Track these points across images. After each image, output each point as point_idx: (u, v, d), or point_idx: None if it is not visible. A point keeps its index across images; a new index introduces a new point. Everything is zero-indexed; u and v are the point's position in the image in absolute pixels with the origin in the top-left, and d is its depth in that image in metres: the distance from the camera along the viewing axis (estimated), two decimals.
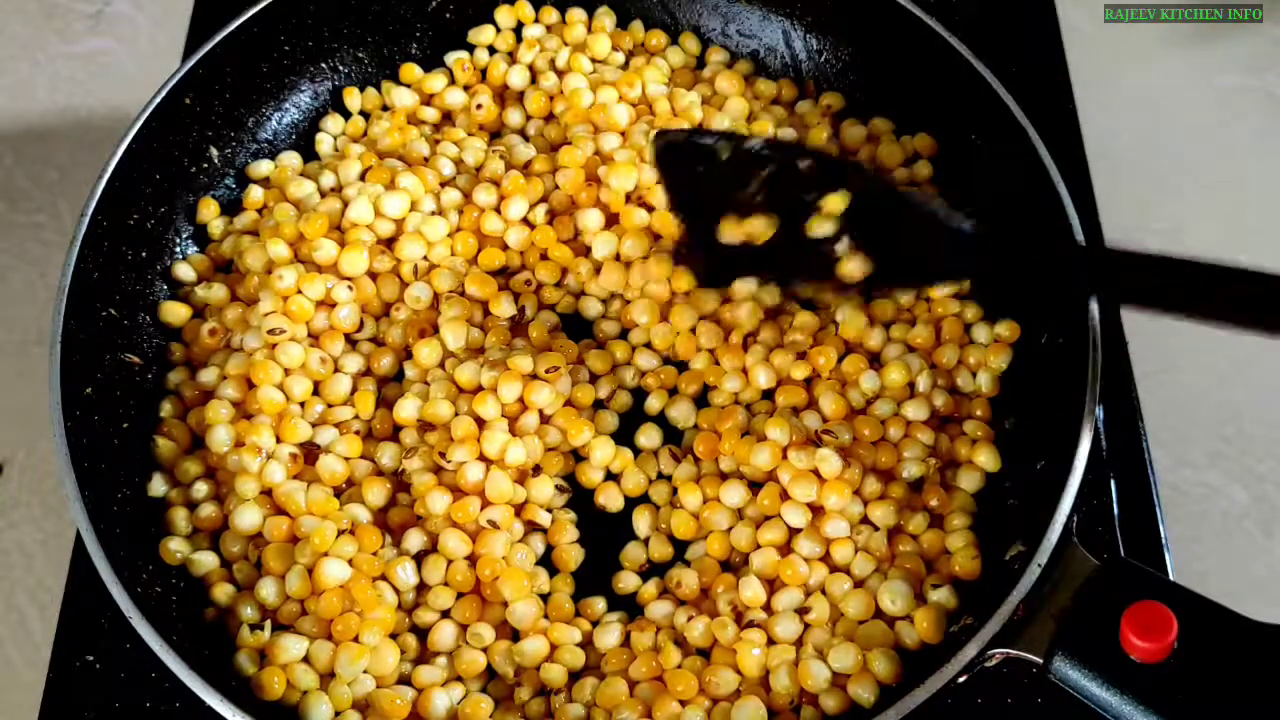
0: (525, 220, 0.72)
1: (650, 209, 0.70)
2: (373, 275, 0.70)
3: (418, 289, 0.69)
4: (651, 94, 0.76)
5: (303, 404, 0.66)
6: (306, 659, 0.59)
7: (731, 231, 0.62)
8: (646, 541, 0.65)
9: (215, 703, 0.53)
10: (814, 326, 0.68)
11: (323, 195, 0.73)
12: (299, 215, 0.70)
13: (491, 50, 0.81)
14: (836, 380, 0.67)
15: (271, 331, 0.66)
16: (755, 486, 0.64)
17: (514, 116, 0.78)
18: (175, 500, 0.64)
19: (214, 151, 0.75)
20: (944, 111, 0.72)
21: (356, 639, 0.59)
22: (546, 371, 0.65)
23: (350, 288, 0.68)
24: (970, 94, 0.69)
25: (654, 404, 0.68)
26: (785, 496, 0.62)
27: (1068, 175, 0.65)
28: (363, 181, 0.72)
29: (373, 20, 0.80)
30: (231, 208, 0.75)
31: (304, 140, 0.78)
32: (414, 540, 0.62)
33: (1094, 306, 0.61)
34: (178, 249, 0.73)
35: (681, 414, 0.68)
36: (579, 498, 0.66)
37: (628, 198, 0.71)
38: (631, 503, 0.66)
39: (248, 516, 0.62)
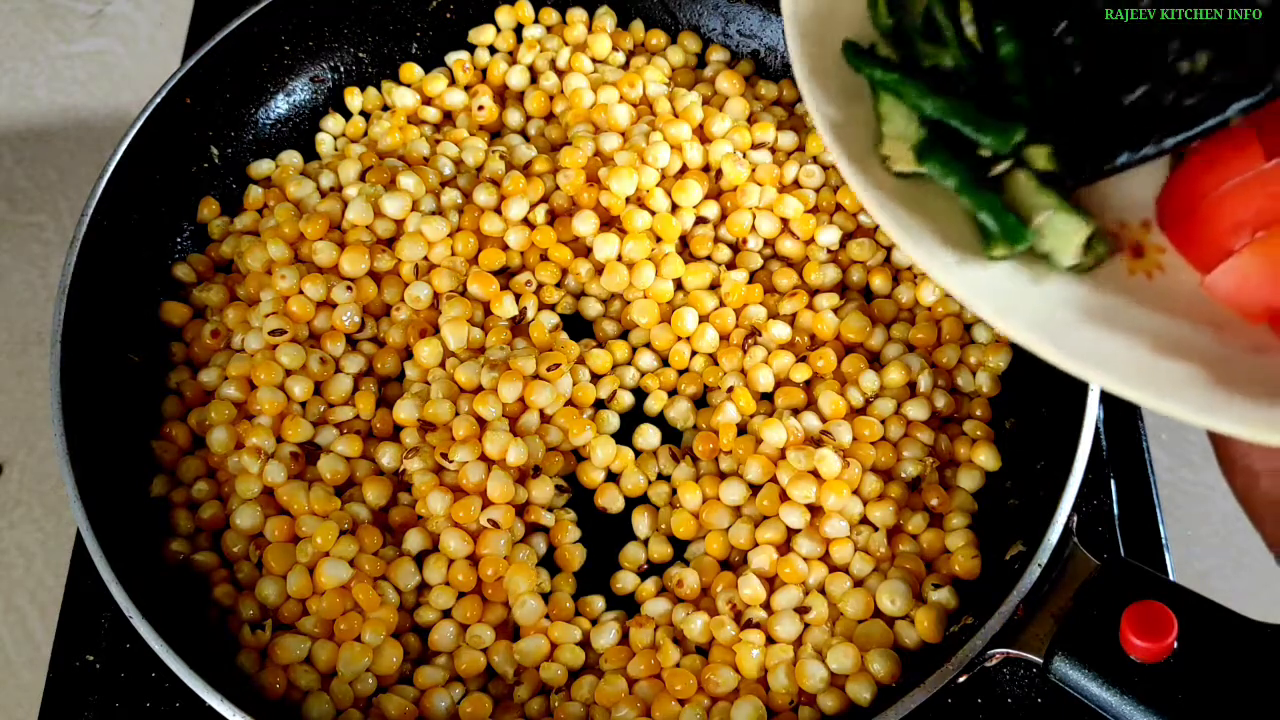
0: (526, 220, 0.72)
1: (651, 211, 0.71)
2: (374, 275, 0.70)
3: (418, 289, 0.69)
4: (652, 94, 0.76)
5: (304, 404, 0.66)
6: (308, 659, 0.59)
7: None
8: (646, 542, 0.65)
9: (215, 703, 0.53)
10: (813, 327, 0.68)
11: (323, 195, 0.73)
12: (299, 215, 0.70)
13: (492, 50, 0.81)
14: (836, 380, 0.67)
15: (273, 333, 0.66)
16: (755, 486, 0.64)
17: (514, 117, 0.78)
18: (176, 500, 0.64)
19: (214, 151, 0.75)
20: None
21: (358, 639, 0.59)
22: (548, 370, 0.65)
23: (350, 288, 0.68)
24: None
25: (654, 404, 0.68)
26: (784, 497, 0.62)
27: None
28: (363, 181, 0.72)
29: (373, 20, 0.80)
30: (231, 208, 0.75)
31: (304, 140, 0.78)
32: (415, 540, 0.62)
33: None
34: (178, 249, 0.73)
35: (681, 414, 0.68)
36: (579, 497, 0.66)
37: (628, 200, 0.71)
38: (631, 503, 0.66)
39: (249, 516, 0.62)
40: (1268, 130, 0.38)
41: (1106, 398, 0.69)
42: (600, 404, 0.68)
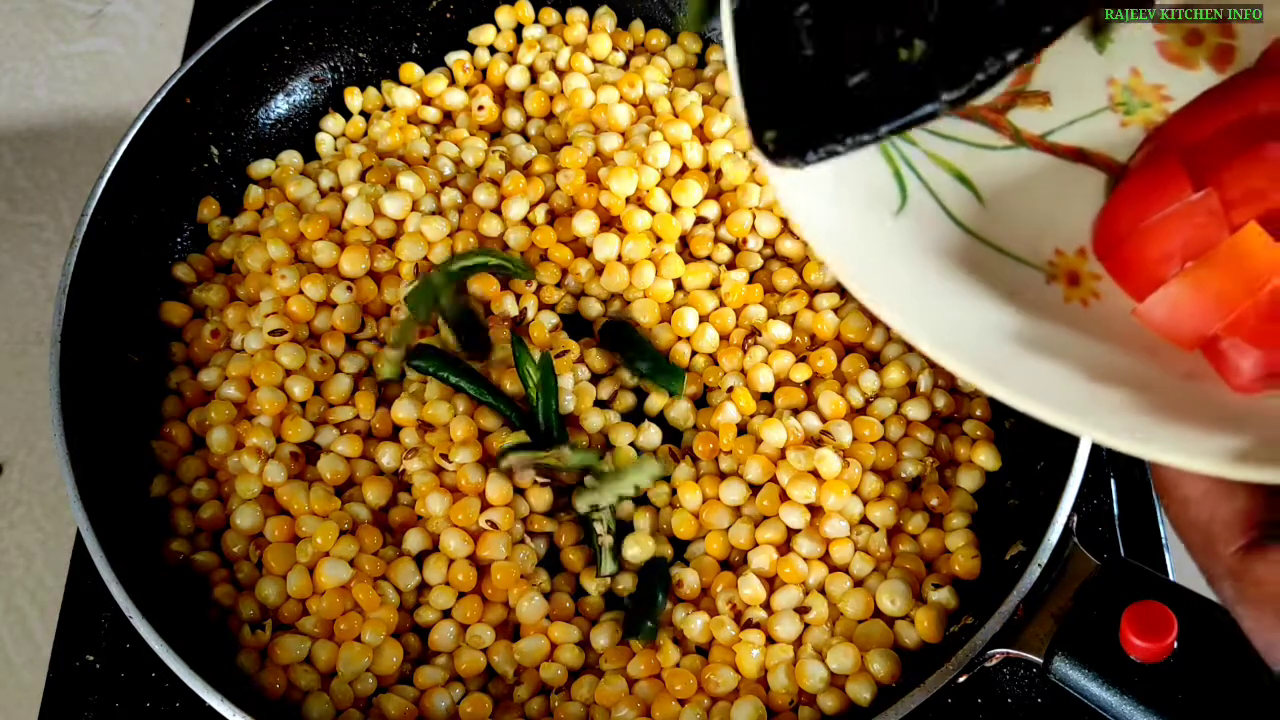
0: (526, 220, 0.72)
1: (651, 211, 0.71)
2: (374, 275, 0.70)
3: None
4: (652, 94, 0.76)
5: (304, 404, 0.66)
6: (308, 659, 0.59)
7: None
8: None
9: (215, 703, 0.53)
10: (813, 327, 0.68)
11: (323, 195, 0.73)
12: (299, 215, 0.70)
13: (492, 50, 0.81)
14: (836, 380, 0.67)
15: (273, 333, 0.66)
16: (755, 486, 0.64)
17: (514, 117, 0.78)
18: (176, 500, 0.64)
19: (214, 151, 0.75)
20: None
21: (358, 639, 0.59)
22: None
23: (350, 288, 0.68)
24: None
25: (654, 404, 0.68)
26: (784, 497, 0.62)
27: None
28: (363, 181, 0.72)
29: (373, 20, 0.80)
30: (231, 208, 0.75)
31: (304, 140, 0.78)
32: (415, 540, 0.62)
33: None
34: (178, 249, 0.73)
35: (681, 414, 0.68)
36: None
37: (628, 200, 0.71)
38: (631, 503, 0.66)
39: (249, 516, 0.62)
40: (1196, 163, 0.39)
41: None
42: (601, 404, 0.68)
